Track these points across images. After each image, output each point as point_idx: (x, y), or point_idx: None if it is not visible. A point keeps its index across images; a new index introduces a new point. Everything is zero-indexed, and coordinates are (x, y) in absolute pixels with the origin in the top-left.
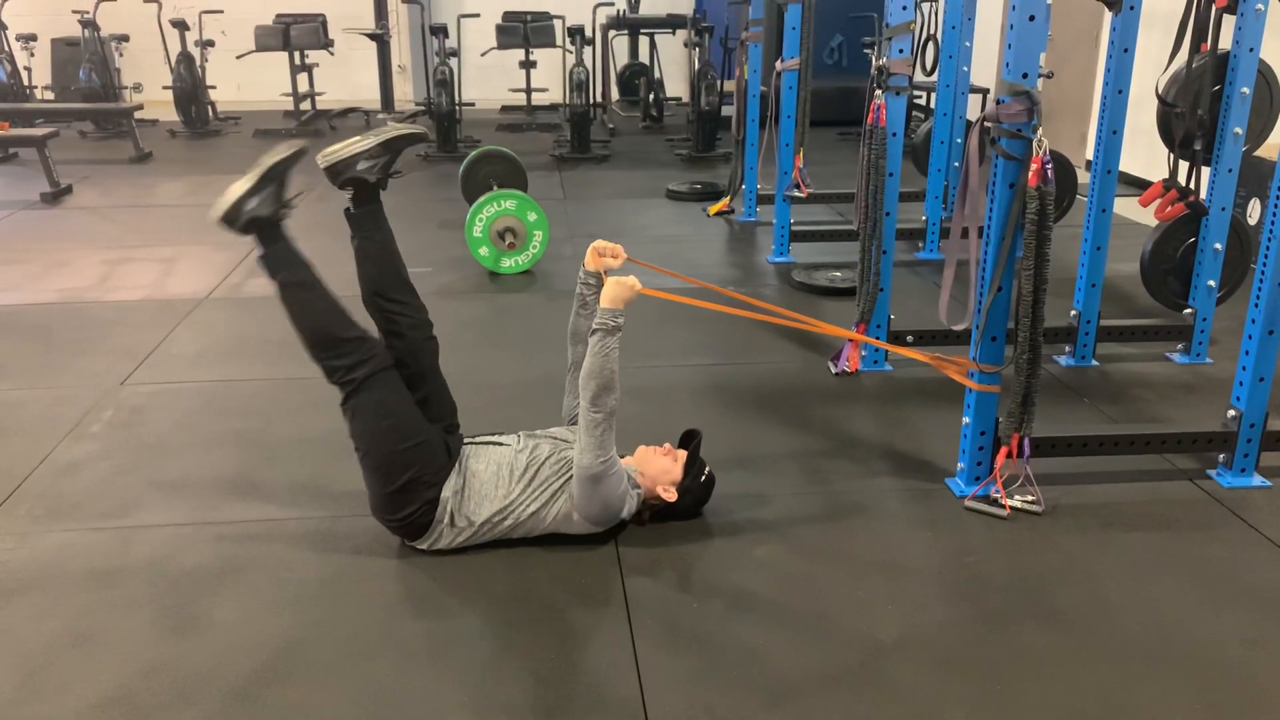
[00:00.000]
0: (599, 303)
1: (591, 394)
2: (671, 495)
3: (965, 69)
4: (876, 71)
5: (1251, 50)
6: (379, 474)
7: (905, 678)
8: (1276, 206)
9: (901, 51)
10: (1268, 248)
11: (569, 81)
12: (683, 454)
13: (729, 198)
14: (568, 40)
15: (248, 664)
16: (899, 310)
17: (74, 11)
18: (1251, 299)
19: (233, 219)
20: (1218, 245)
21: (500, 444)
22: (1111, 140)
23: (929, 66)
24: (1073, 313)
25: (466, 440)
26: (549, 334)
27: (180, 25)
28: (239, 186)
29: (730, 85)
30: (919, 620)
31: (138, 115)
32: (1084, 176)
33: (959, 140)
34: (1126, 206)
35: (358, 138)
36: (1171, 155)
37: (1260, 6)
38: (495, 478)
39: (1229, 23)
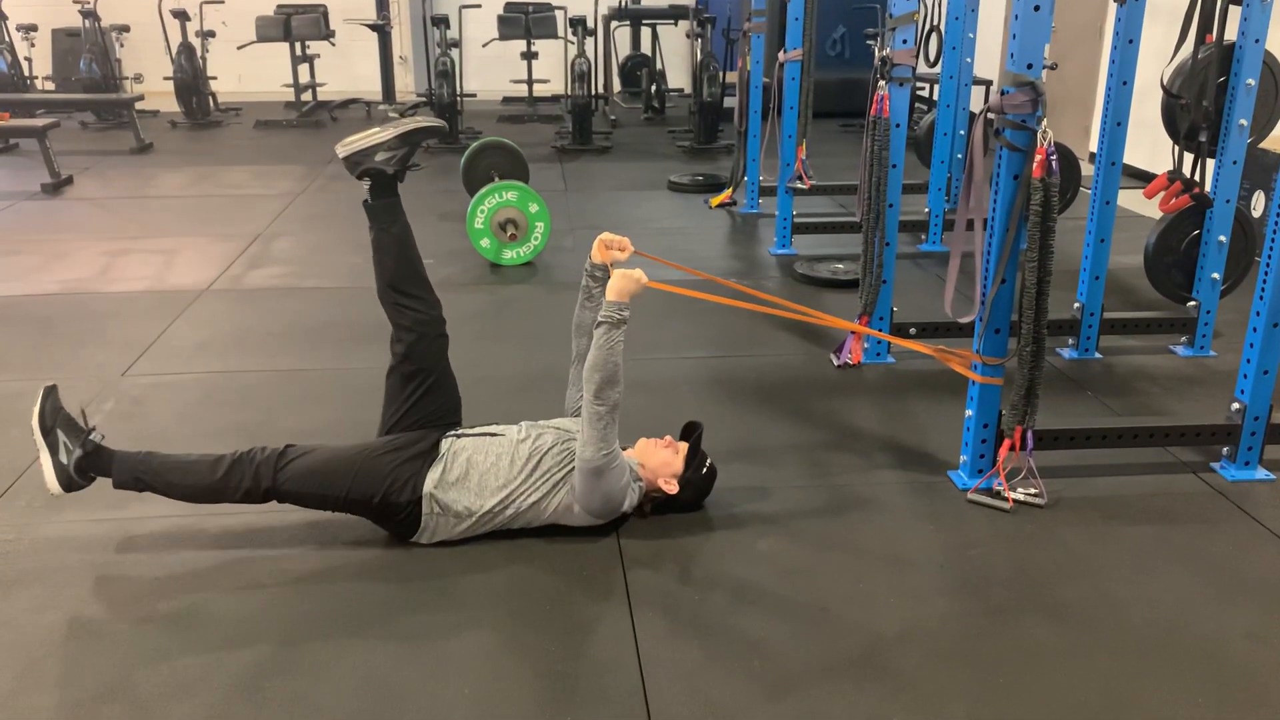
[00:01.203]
0: (604, 295)
1: (595, 387)
2: (673, 487)
3: (969, 60)
4: (880, 62)
5: (1257, 41)
6: (354, 509)
7: (907, 670)
8: None
9: (905, 42)
10: (1272, 240)
11: (570, 73)
12: (684, 446)
13: (731, 190)
14: (569, 31)
15: (248, 655)
16: (902, 302)
17: (74, 1)
18: (1256, 292)
19: (67, 486)
20: (1222, 238)
21: (495, 434)
22: (1116, 132)
23: (932, 58)
24: (1076, 305)
25: (457, 432)
26: (550, 326)
27: (181, 16)
28: (45, 465)
29: (732, 77)
30: (921, 613)
31: (138, 106)
32: (1088, 169)
33: (962, 132)
34: (1130, 199)
35: (376, 129)
36: (1176, 147)
37: None
38: (495, 467)
39: (1235, 14)
